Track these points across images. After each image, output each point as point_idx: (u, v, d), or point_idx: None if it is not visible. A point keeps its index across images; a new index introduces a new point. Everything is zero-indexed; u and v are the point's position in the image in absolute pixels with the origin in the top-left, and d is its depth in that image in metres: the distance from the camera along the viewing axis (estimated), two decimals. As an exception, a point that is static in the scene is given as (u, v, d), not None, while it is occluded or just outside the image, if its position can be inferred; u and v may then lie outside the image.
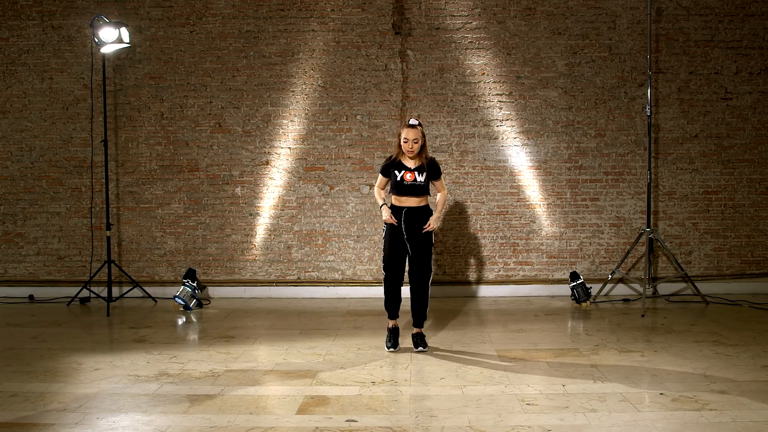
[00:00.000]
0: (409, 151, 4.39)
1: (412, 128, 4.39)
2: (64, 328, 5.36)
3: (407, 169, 4.44)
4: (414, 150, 4.39)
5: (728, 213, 6.62)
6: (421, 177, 4.43)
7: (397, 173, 4.45)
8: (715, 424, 3.08)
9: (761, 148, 6.61)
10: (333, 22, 6.59)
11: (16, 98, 6.70)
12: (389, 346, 4.51)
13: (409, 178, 4.42)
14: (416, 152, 4.41)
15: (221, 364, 4.22)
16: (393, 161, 4.50)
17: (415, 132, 4.38)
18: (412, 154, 4.41)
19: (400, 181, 4.43)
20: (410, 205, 4.45)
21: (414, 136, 4.38)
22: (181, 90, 6.64)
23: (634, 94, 6.55)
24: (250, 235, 6.69)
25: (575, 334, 5.05)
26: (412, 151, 4.39)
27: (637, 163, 6.57)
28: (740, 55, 6.56)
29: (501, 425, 3.11)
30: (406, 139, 4.39)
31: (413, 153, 4.40)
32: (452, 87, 6.59)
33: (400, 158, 4.47)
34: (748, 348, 4.46)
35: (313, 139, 6.65)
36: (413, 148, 4.38)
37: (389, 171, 4.50)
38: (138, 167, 6.69)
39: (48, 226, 6.72)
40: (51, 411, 3.34)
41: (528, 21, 6.56)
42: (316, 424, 3.14)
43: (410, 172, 4.43)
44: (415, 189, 4.44)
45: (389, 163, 4.52)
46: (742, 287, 6.53)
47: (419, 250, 4.47)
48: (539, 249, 6.64)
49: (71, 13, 6.63)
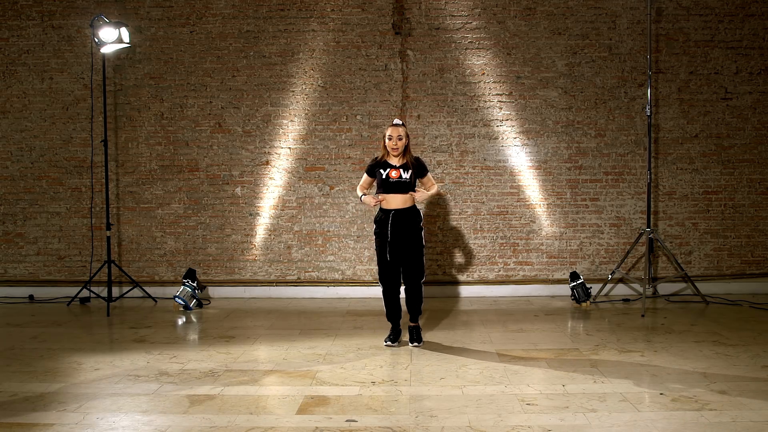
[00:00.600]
0: (393, 149, 4.52)
1: (396, 126, 4.55)
2: (64, 328, 5.36)
3: (392, 167, 4.56)
4: (398, 147, 4.51)
5: (728, 213, 6.62)
6: (406, 174, 4.54)
7: (382, 171, 4.57)
8: (715, 424, 3.08)
9: (761, 148, 6.61)
10: (333, 22, 6.59)
11: (16, 98, 6.70)
12: (386, 340, 4.67)
13: (395, 175, 4.53)
14: (400, 150, 4.53)
15: (221, 364, 4.22)
16: (378, 161, 4.63)
17: (398, 130, 4.54)
18: (396, 152, 4.52)
19: (386, 178, 4.54)
20: (397, 207, 4.53)
21: (398, 134, 4.52)
22: (181, 90, 6.64)
23: (634, 94, 6.55)
24: (250, 235, 6.69)
25: (575, 334, 5.05)
26: (396, 149, 4.51)
27: (637, 163, 6.57)
28: (740, 55, 6.56)
29: (501, 425, 3.11)
30: (390, 137, 4.53)
31: (397, 150, 4.52)
32: (452, 87, 6.59)
33: (385, 158, 4.60)
34: (748, 348, 4.46)
35: (313, 139, 6.65)
36: (397, 145, 4.51)
37: (375, 171, 4.63)
38: (138, 167, 6.69)
39: (48, 226, 6.72)
40: (51, 411, 3.34)
41: (528, 21, 6.56)
42: (316, 424, 3.14)
43: (395, 169, 4.55)
44: (400, 186, 4.53)
45: (375, 164, 4.65)
46: (742, 287, 6.53)
47: (408, 254, 4.55)
48: (539, 249, 6.64)
49: (71, 13, 6.63)
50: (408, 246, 4.54)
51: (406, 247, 4.54)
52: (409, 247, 4.55)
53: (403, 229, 4.53)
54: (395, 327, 4.73)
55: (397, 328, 4.74)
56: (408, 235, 4.54)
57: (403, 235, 4.53)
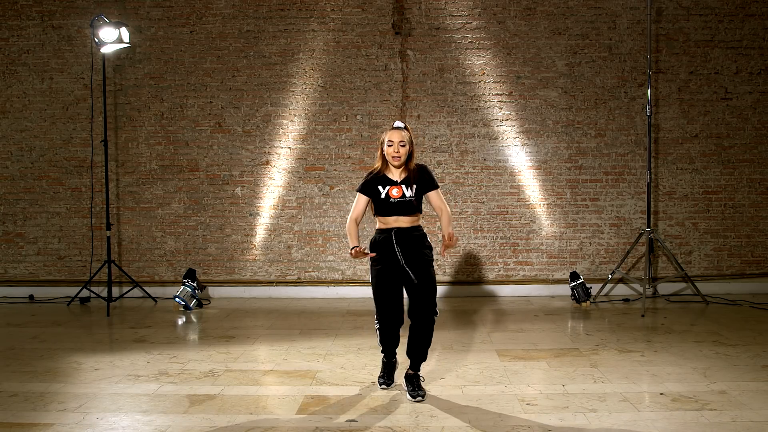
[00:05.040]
0: (394, 157, 3.53)
1: (398, 130, 3.56)
2: (64, 328, 5.36)
3: (393, 183, 3.57)
4: (400, 155, 3.53)
5: (728, 213, 6.62)
6: (409, 191, 3.56)
7: (381, 189, 3.57)
8: (715, 424, 3.08)
9: (761, 148, 6.60)
10: (333, 22, 6.59)
11: (16, 98, 6.70)
12: (382, 383, 3.72)
13: (396, 194, 3.54)
14: (403, 160, 3.55)
15: (221, 364, 4.22)
16: (375, 176, 3.61)
17: (401, 134, 3.54)
18: (398, 162, 3.54)
19: (386, 198, 3.55)
20: (399, 226, 3.57)
21: (400, 139, 3.53)
22: (181, 90, 6.64)
23: (634, 94, 6.55)
24: (250, 235, 6.69)
25: (575, 334, 5.05)
26: (398, 157, 3.53)
27: (637, 163, 6.57)
28: (740, 55, 6.56)
29: (501, 425, 3.11)
30: (390, 142, 3.54)
31: (399, 160, 3.54)
32: (452, 87, 6.59)
33: (383, 172, 3.61)
34: (748, 348, 4.46)
35: (313, 139, 6.64)
36: (399, 152, 3.52)
37: (371, 188, 3.59)
38: (138, 167, 6.69)
39: (48, 226, 6.72)
40: (51, 411, 3.34)
41: (528, 21, 6.56)
42: (316, 424, 3.14)
43: (396, 186, 3.56)
44: (404, 207, 3.55)
45: (371, 179, 3.61)
46: (742, 287, 6.53)
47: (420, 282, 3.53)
48: (539, 249, 6.64)
49: (71, 13, 6.63)
50: (419, 271, 3.54)
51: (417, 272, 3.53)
52: (420, 273, 3.54)
53: (412, 250, 3.55)
54: (389, 359, 3.76)
55: (392, 360, 3.77)
56: (418, 258, 3.55)
57: (413, 258, 3.54)
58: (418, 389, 3.54)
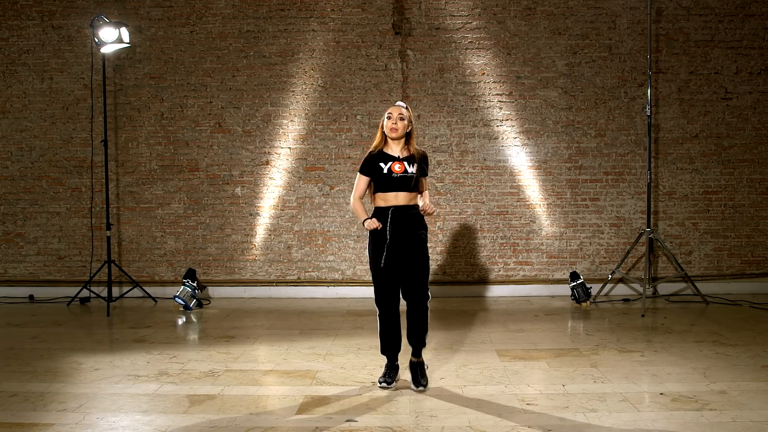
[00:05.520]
0: (392, 129, 3.63)
1: (398, 106, 3.70)
2: (64, 328, 5.36)
3: (395, 159, 3.66)
4: (398, 128, 3.63)
5: (728, 213, 6.62)
6: (411, 168, 3.65)
7: (383, 165, 3.64)
8: (715, 424, 3.08)
9: (761, 148, 6.60)
10: (333, 22, 6.59)
11: (16, 98, 6.70)
12: (382, 381, 3.71)
13: (398, 169, 3.62)
14: (401, 133, 3.65)
15: (221, 364, 4.22)
16: (375, 154, 3.69)
17: (400, 109, 3.68)
18: (395, 133, 3.63)
19: (388, 173, 3.63)
20: (398, 204, 3.65)
21: (399, 113, 3.65)
22: (181, 90, 6.64)
23: (634, 94, 6.55)
24: (250, 235, 6.69)
25: (575, 334, 5.05)
26: (395, 129, 3.63)
27: (637, 163, 6.57)
28: (740, 55, 6.56)
29: (501, 425, 3.11)
30: (389, 115, 3.66)
31: (397, 132, 3.63)
32: (452, 87, 6.59)
33: (382, 148, 3.71)
34: (748, 348, 4.46)
35: (313, 139, 6.65)
36: (397, 125, 3.63)
37: (373, 167, 3.67)
38: (138, 167, 6.69)
39: (48, 226, 6.72)
40: (51, 411, 3.34)
41: (528, 21, 6.56)
42: (316, 424, 3.14)
43: (399, 162, 3.65)
44: (405, 182, 3.63)
45: (371, 158, 3.69)
46: (742, 287, 6.53)
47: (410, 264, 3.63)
48: (539, 249, 6.64)
49: (71, 13, 6.63)
50: (411, 253, 3.63)
51: (408, 253, 3.63)
52: (412, 255, 3.63)
53: (406, 231, 3.63)
54: (392, 362, 3.78)
55: (395, 363, 3.79)
56: (411, 240, 3.64)
57: (405, 239, 3.63)
58: (421, 377, 3.66)
